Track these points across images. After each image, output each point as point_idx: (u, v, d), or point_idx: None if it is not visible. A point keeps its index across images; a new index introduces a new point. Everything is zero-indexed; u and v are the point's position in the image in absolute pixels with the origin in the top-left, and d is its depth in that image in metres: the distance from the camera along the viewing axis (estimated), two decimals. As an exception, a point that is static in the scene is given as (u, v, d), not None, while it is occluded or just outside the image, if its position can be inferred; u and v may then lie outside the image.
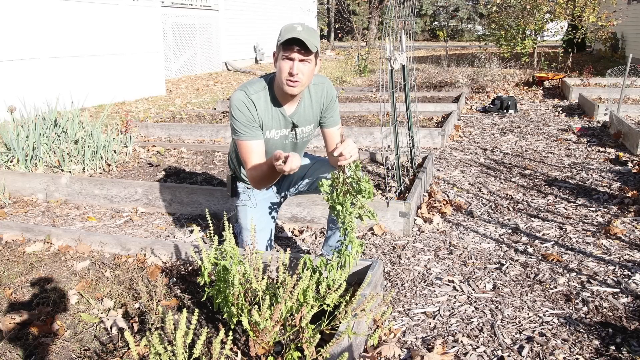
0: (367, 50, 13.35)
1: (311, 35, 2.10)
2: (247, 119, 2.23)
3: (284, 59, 2.11)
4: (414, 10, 3.95)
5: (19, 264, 2.54)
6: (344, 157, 1.96)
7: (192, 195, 3.38)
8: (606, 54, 14.80)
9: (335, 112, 2.45)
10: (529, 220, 3.24)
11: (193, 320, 1.46)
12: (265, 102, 2.27)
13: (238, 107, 2.22)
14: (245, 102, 2.22)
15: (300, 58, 2.10)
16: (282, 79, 2.15)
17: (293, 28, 2.08)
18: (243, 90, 2.25)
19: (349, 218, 1.90)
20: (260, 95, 2.26)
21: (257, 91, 2.26)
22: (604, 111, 6.33)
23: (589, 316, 2.17)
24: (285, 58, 2.11)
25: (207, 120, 6.45)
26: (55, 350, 1.90)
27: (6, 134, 4.20)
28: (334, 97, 2.42)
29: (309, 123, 2.41)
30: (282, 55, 2.11)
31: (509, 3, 10.88)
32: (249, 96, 2.23)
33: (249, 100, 2.23)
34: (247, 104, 2.22)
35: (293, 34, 2.05)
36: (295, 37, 2.04)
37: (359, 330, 1.83)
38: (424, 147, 5.08)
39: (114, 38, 8.54)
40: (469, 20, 35.77)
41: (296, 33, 2.05)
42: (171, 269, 2.42)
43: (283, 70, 2.13)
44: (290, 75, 2.12)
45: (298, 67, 2.11)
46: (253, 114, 2.24)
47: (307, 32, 2.09)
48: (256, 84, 2.28)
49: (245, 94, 2.23)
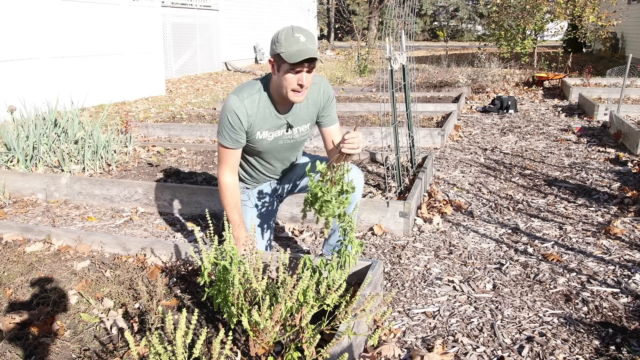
0: (367, 50, 13.36)
1: (313, 43, 2.09)
2: (236, 127, 2.23)
3: (291, 72, 2.09)
4: (414, 10, 3.95)
5: (19, 264, 2.54)
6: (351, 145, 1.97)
7: (192, 195, 3.38)
8: (606, 54, 14.80)
9: (332, 111, 2.45)
10: (529, 220, 3.24)
11: (193, 320, 1.46)
12: (258, 105, 2.25)
13: (228, 116, 2.22)
14: (236, 110, 2.21)
15: (308, 70, 2.10)
16: (289, 89, 2.13)
17: (296, 40, 2.03)
18: (236, 95, 2.23)
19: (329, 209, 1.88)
20: (254, 99, 2.24)
21: (252, 94, 2.24)
22: (604, 111, 6.33)
23: (589, 316, 2.17)
24: (294, 72, 2.09)
25: (207, 120, 6.45)
26: (55, 350, 1.90)
27: (6, 134, 4.20)
28: (330, 96, 2.42)
29: (304, 122, 2.40)
30: (290, 69, 2.08)
31: (509, 3, 10.87)
32: (242, 101, 2.22)
33: (242, 106, 2.21)
34: (238, 112, 2.21)
35: (301, 49, 2.01)
36: (308, 56, 2.00)
37: (359, 330, 1.83)
38: (424, 147, 5.08)
39: (114, 38, 8.54)
40: (469, 20, 35.78)
41: (304, 48, 2.02)
42: (171, 269, 2.42)
43: (291, 83, 2.11)
44: (301, 87, 2.11)
45: (306, 78, 2.11)
46: (243, 122, 2.23)
47: (310, 41, 2.06)
48: (250, 87, 2.26)
49: (239, 99, 2.22)
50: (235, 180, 2.36)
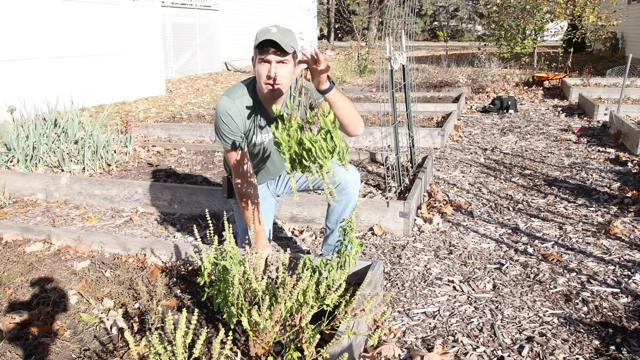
0: (367, 50, 13.35)
1: (286, 36, 2.06)
2: (232, 128, 2.20)
3: (260, 63, 2.08)
4: (414, 10, 3.95)
5: (19, 264, 2.54)
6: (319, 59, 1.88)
7: (192, 195, 3.38)
8: (606, 54, 14.80)
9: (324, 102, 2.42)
10: (529, 220, 3.24)
11: (193, 320, 1.46)
12: (247, 107, 2.23)
13: (222, 118, 2.19)
14: (228, 110, 2.19)
15: (277, 60, 2.07)
16: (262, 83, 2.11)
17: (267, 30, 2.05)
18: (227, 96, 2.22)
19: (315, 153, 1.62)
20: (244, 100, 2.22)
21: (241, 95, 2.23)
22: (604, 111, 6.33)
23: (589, 316, 2.17)
24: (262, 61, 2.08)
25: (207, 120, 6.45)
26: (55, 350, 1.90)
27: (6, 134, 4.20)
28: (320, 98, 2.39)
29: None
30: (259, 59, 2.08)
31: (509, 3, 10.88)
32: (233, 101, 2.20)
33: (234, 106, 2.19)
34: (231, 112, 2.19)
35: (267, 35, 2.02)
36: (270, 38, 2.00)
37: (359, 330, 1.83)
38: (424, 147, 5.08)
39: (114, 38, 8.54)
40: (469, 20, 35.77)
41: (270, 35, 2.02)
42: (171, 269, 2.42)
43: (261, 74, 2.09)
44: (269, 79, 2.09)
45: (275, 69, 2.08)
46: (238, 122, 2.21)
47: (281, 33, 2.06)
48: (239, 89, 2.25)
49: (230, 100, 2.20)
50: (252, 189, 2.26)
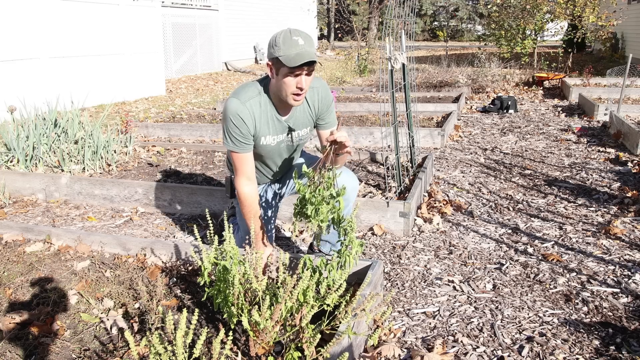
0: (367, 50, 13.35)
1: (312, 45, 2.05)
2: (243, 131, 2.18)
3: (290, 76, 2.06)
4: (414, 10, 3.95)
5: (19, 264, 2.54)
6: (343, 138, 2.00)
7: (192, 195, 3.38)
8: (606, 54, 14.80)
9: (332, 115, 2.43)
10: (529, 220, 3.24)
11: (193, 320, 1.46)
12: (260, 109, 2.21)
13: (233, 120, 2.16)
14: (240, 113, 2.16)
15: (307, 72, 2.08)
16: (288, 93, 2.11)
17: (295, 43, 2.00)
18: (237, 99, 2.18)
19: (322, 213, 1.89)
20: (255, 102, 2.20)
21: (252, 97, 2.20)
22: (604, 111, 6.33)
23: (589, 316, 2.17)
24: (293, 75, 2.06)
25: (207, 120, 6.45)
26: (55, 350, 1.90)
27: (6, 134, 4.20)
28: (330, 101, 2.39)
29: (305, 126, 2.38)
30: (289, 72, 2.05)
31: (509, 3, 10.88)
32: (244, 103, 2.17)
33: (245, 108, 2.17)
34: (242, 115, 2.16)
35: (301, 52, 1.98)
36: (307, 60, 1.98)
37: (359, 330, 1.83)
38: (424, 147, 5.08)
39: (114, 38, 8.54)
40: (469, 20, 35.77)
41: (303, 51, 1.99)
42: (171, 269, 2.42)
43: (290, 85, 2.08)
44: (301, 90, 2.09)
45: (305, 81, 2.08)
46: (249, 125, 2.19)
47: (309, 44, 2.03)
48: (250, 90, 2.22)
49: (241, 102, 2.17)
50: (253, 190, 2.28)
